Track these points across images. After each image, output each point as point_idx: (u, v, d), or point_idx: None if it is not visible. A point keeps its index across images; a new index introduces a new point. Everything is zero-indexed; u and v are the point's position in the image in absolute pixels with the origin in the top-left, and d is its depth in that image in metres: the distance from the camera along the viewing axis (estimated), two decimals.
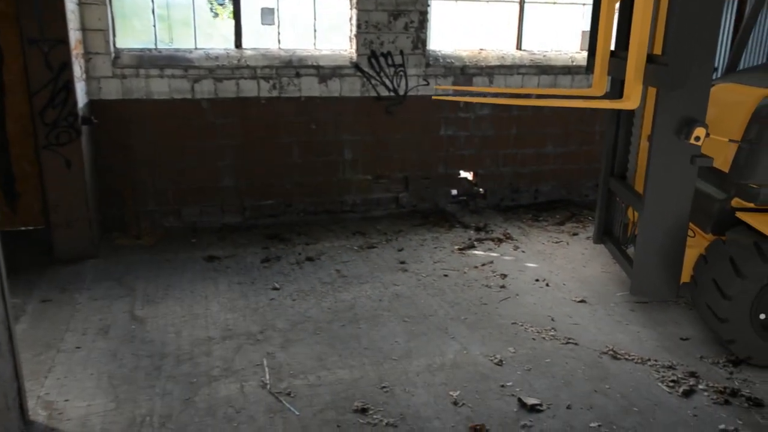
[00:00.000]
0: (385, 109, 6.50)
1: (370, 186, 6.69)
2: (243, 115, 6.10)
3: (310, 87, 6.21)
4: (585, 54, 6.85)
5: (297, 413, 3.32)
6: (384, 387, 3.56)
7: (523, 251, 5.75)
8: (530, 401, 3.41)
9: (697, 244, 4.23)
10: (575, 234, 6.26)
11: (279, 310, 4.49)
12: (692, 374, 3.73)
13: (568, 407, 3.40)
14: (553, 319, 4.41)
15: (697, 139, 3.76)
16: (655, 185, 3.98)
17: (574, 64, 6.98)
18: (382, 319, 4.37)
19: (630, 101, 3.98)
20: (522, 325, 4.32)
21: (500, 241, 6.00)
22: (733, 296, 3.70)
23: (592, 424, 3.26)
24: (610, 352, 3.96)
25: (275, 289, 4.83)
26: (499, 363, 3.83)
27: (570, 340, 4.12)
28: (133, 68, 5.69)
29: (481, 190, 7.10)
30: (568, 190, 7.40)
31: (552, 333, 4.22)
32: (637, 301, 4.72)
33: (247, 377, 3.62)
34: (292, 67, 6.11)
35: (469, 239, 6.01)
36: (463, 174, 7.01)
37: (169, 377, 3.61)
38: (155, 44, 5.90)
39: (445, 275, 5.16)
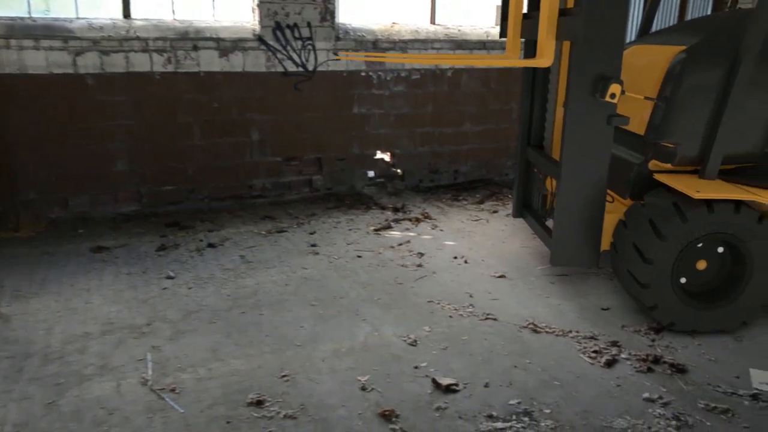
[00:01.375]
0: (293, 86, 6.08)
1: (281, 169, 6.26)
2: (135, 92, 5.54)
3: (210, 61, 5.72)
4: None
5: (181, 411, 2.88)
6: (284, 376, 3.17)
7: (442, 230, 5.48)
8: (445, 381, 3.11)
9: (615, 210, 4.05)
10: (495, 212, 6.06)
11: (172, 300, 4.01)
12: (614, 343, 3.54)
13: (486, 385, 3.12)
14: (471, 296, 4.14)
15: (613, 96, 3.57)
16: (572, 148, 3.78)
17: (489, 38, 6.78)
18: (287, 304, 3.97)
19: (544, 58, 3.76)
20: (439, 303, 4.02)
21: (418, 220, 5.71)
22: (654, 260, 3.52)
23: (511, 402, 2.98)
24: (531, 326, 3.72)
25: (169, 278, 4.34)
26: (413, 343, 3.51)
27: (489, 316, 3.85)
28: (2, 38, 5.04)
29: (399, 171, 6.80)
30: (488, 170, 7.21)
31: (470, 310, 3.94)
32: (557, 274, 4.53)
33: (126, 374, 3.15)
34: (188, 39, 5.60)
35: (386, 220, 5.69)
36: (380, 155, 6.69)
37: (32, 379, 3.09)
38: (29, 12, 5.25)
39: (359, 256, 4.81)
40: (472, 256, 4.87)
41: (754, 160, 3.82)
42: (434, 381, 3.13)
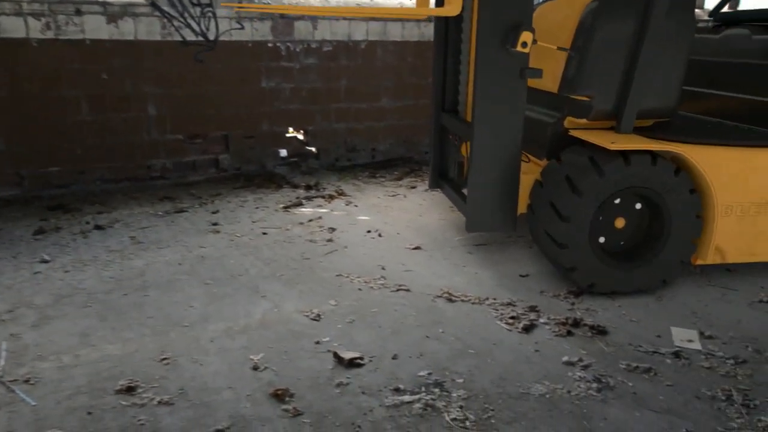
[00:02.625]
0: (193, 57, 5.60)
1: (183, 147, 5.77)
2: (8, 61, 4.93)
3: (97, 28, 5.17)
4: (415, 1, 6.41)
5: (32, 403, 2.42)
6: (164, 359, 2.76)
7: (356, 206, 5.16)
8: (348, 356, 2.78)
9: (531, 171, 3.84)
10: (413, 187, 5.79)
11: (43, 284, 3.50)
12: (533, 309, 3.31)
13: (395, 357, 2.81)
14: (383, 268, 3.83)
15: (524, 45, 3.35)
16: (484, 106, 3.54)
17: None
18: (178, 284, 3.54)
19: (451, 5, 3.50)
20: (348, 277, 3.69)
21: (332, 197, 5.37)
22: (571, 217, 3.31)
23: (421, 373, 2.68)
24: (446, 295, 3.45)
25: (44, 261, 3.81)
26: (317, 318, 3.17)
27: (401, 287, 3.55)
28: None
29: (313, 149, 6.42)
30: (408, 148, 6.94)
31: (382, 282, 3.63)
32: (476, 244, 4.28)
33: None
34: (69, 2, 5.03)
35: (297, 198, 5.32)
36: (292, 132, 6.29)
37: None
38: None
39: (264, 233, 4.42)
40: (387, 230, 4.56)
41: (670, 115, 3.68)
42: (336, 356, 2.79)
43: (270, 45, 5.92)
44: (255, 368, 2.71)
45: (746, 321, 3.23)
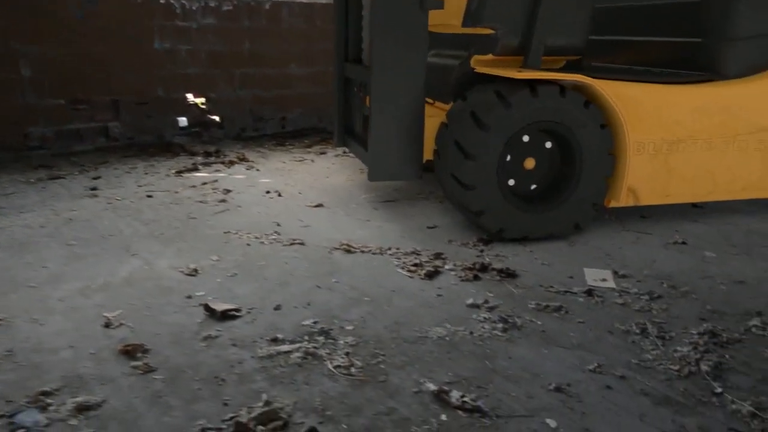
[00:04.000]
0: (75, 12, 5.04)
1: (66, 114, 5.19)
2: None
3: None
4: None
5: None
6: None
7: (258, 170, 4.76)
8: (222, 307, 2.39)
9: (437, 114, 3.55)
10: (323, 153, 5.43)
11: None
12: (438, 256, 3.01)
13: (278, 308, 2.45)
14: (279, 225, 3.46)
15: None
16: (383, 43, 3.23)
17: None
18: (34, 246, 3.05)
19: None
20: (237, 233, 3.29)
21: (232, 163, 4.94)
22: (478, 155, 3.04)
23: (306, 322, 2.33)
24: (344, 247, 3.11)
25: None
26: (193, 273, 2.76)
27: (296, 241, 3.19)
28: None
29: (216, 118, 5.96)
30: (320, 117, 6.57)
31: (274, 237, 3.25)
32: (383, 201, 3.97)
33: None
34: None
35: (194, 164, 4.86)
36: (192, 99, 5.81)
37: None
38: None
39: (149, 196, 3.96)
40: (289, 190, 4.19)
41: (579, 53, 3.47)
42: (207, 308, 2.40)
43: (162, 1, 5.42)
44: (107, 325, 2.28)
45: (661, 260, 3.05)
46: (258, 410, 1.77)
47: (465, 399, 1.84)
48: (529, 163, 3.23)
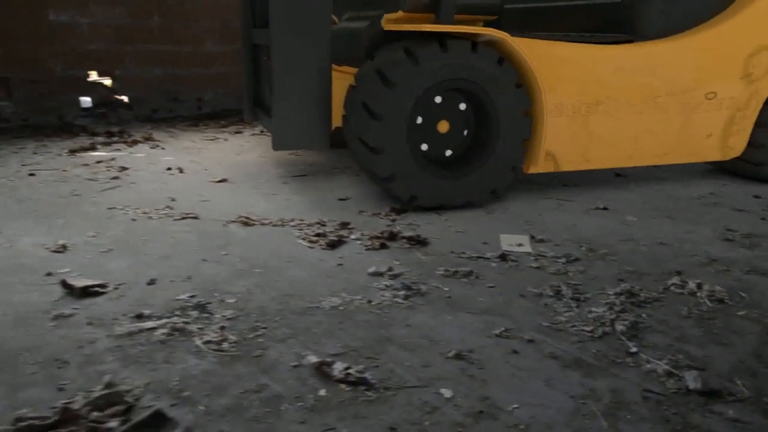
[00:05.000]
0: None
1: None
2: None
3: None
4: None
5: None
6: None
7: (164, 149, 4.40)
8: (83, 284, 2.06)
9: (345, 77, 3.29)
10: (239, 132, 5.11)
11: None
12: (345, 226, 2.76)
13: (151, 282, 2.14)
14: (174, 200, 3.14)
15: None
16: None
17: None
18: None
19: None
20: (123, 209, 2.96)
21: (136, 142, 4.56)
22: (384, 115, 2.80)
23: (181, 296, 2.03)
24: (242, 220, 2.81)
25: None
26: (60, 250, 2.42)
27: (189, 215, 2.88)
28: None
29: (124, 98, 5.54)
30: (240, 99, 6.20)
31: (166, 212, 2.94)
32: (295, 175, 3.69)
33: None
34: None
35: (92, 144, 4.45)
36: (96, 77, 5.37)
37: None
38: None
39: (32, 175, 3.55)
40: (193, 167, 3.86)
41: (495, 12, 3.27)
42: (65, 284, 2.07)
43: None
44: None
45: (581, 225, 2.88)
46: (97, 394, 1.47)
47: (349, 371, 1.59)
48: (443, 127, 3.01)
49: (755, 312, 2.02)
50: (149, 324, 1.85)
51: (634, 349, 1.77)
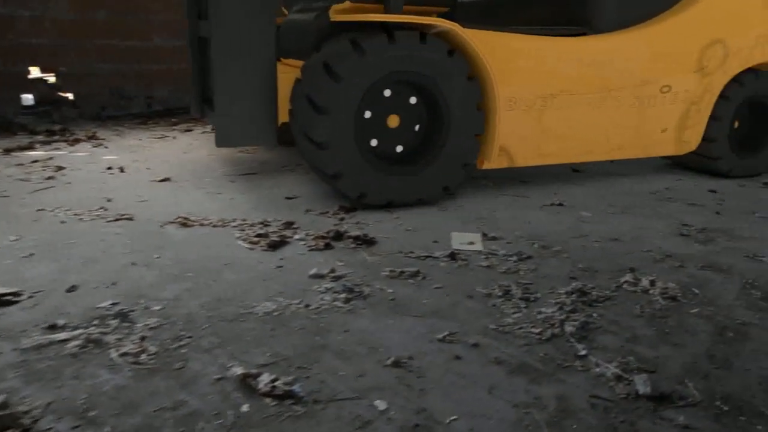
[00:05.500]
0: None
1: None
2: None
3: None
4: None
5: None
6: None
7: (107, 147, 4.20)
8: None
9: (293, 71, 3.15)
10: (189, 131, 4.92)
11: None
12: (289, 225, 2.62)
13: (71, 290, 1.98)
14: (110, 200, 2.96)
15: None
16: None
17: None
18: None
19: None
20: (53, 211, 2.77)
21: (78, 141, 4.34)
22: (330, 109, 2.67)
23: (102, 304, 1.88)
24: (180, 220, 2.65)
25: None
26: None
27: (123, 216, 2.71)
28: None
29: (69, 95, 5.29)
30: None
31: (99, 213, 2.76)
32: (244, 173, 3.54)
33: None
34: None
35: (31, 143, 4.22)
36: (38, 73, 5.12)
37: None
38: None
39: None
40: (135, 166, 3.67)
41: (448, 3, 3.18)
42: None
43: None
44: None
45: (535, 222, 2.80)
46: None
47: (276, 383, 1.46)
48: (393, 121, 2.89)
49: (708, 309, 1.95)
50: (62, 335, 1.69)
51: (583, 352, 1.67)
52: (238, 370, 1.53)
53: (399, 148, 2.94)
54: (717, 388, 1.52)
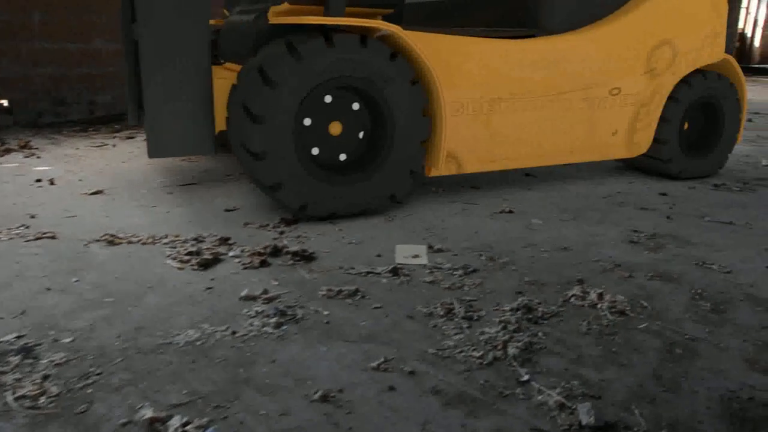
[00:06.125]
0: None
1: None
2: None
3: None
4: None
5: None
6: None
7: (39, 158, 3.96)
8: None
9: (229, 75, 2.99)
10: (131, 138, 4.70)
11: None
12: (224, 241, 2.47)
13: None
14: (33, 217, 2.77)
15: None
16: None
17: None
18: None
19: None
20: None
21: (10, 151, 4.10)
22: (266, 117, 2.53)
23: (5, 338, 1.72)
24: (106, 238, 2.47)
25: None
26: None
27: (45, 235, 2.52)
28: None
29: (4, 102, 5.01)
30: None
31: (18, 231, 2.57)
32: (183, 184, 3.37)
33: None
34: None
35: None
36: None
37: None
38: None
39: None
40: (68, 177, 3.47)
41: (392, 5, 3.06)
42: None
43: None
44: None
45: (484, 231, 2.70)
46: None
47: (188, 428, 1.32)
48: (336, 128, 2.77)
49: (656, 324, 1.88)
50: None
51: (525, 377, 1.57)
52: (147, 413, 1.38)
53: (342, 157, 2.81)
54: (663, 414, 1.44)
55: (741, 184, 3.64)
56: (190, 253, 2.33)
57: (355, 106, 2.77)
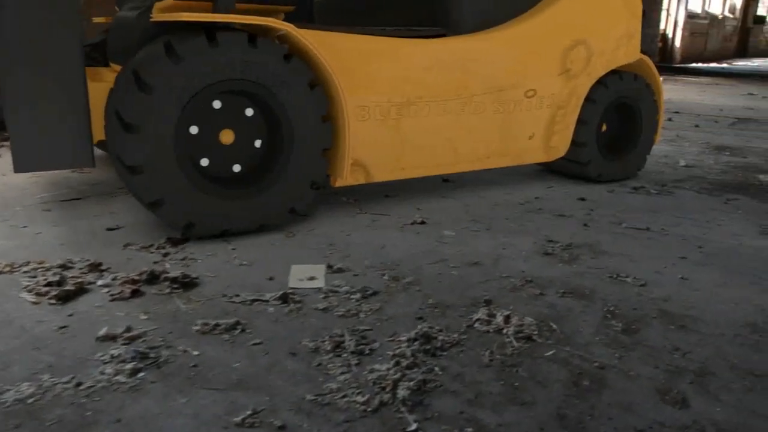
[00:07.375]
0: None
1: None
2: None
3: None
4: None
5: None
6: None
7: None
8: None
9: (113, 78, 2.68)
10: None
11: None
12: (95, 268, 2.18)
13: None
14: None
15: None
16: None
17: None
18: None
19: None
20: None
21: None
22: (141, 126, 2.26)
23: None
24: None
25: None
26: None
27: None
28: None
29: None
30: None
31: None
32: (67, 199, 3.03)
33: None
34: None
35: None
36: None
37: None
38: None
39: None
40: None
41: (292, 1, 2.83)
42: None
43: None
44: None
45: (391, 246, 2.51)
46: None
47: None
48: (227, 137, 2.51)
49: (564, 350, 1.72)
50: None
51: (413, 426, 1.37)
52: None
53: (237, 168, 2.56)
54: None
55: (659, 187, 3.59)
56: (50, 284, 2.03)
57: (249, 112, 2.52)
